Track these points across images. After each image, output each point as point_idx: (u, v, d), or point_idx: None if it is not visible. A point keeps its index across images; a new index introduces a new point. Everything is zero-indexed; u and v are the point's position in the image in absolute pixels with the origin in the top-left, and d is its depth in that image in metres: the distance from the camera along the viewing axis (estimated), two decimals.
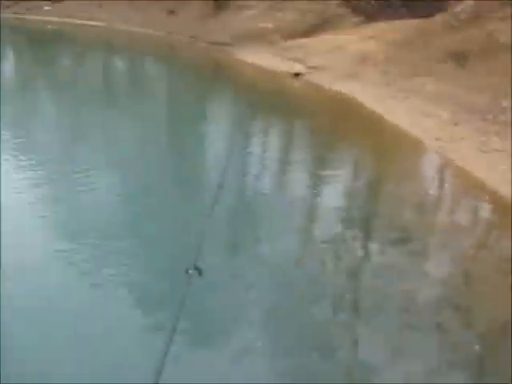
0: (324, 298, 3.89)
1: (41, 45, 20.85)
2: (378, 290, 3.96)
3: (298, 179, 6.19)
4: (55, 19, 25.93)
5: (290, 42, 14.79)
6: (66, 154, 6.77)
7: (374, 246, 4.76)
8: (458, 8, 11.45)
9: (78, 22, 24.93)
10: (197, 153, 7.24)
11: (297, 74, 11.99)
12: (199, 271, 1.48)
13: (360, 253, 4.69)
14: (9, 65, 17.44)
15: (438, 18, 11.69)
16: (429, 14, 13.16)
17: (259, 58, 13.88)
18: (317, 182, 6.22)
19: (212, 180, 6.11)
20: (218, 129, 8.59)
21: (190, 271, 1.46)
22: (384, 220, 5.38)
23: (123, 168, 6.42)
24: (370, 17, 15.30)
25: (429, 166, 7.25)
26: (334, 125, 8.76)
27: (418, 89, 9.12)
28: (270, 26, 17.17)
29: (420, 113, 8.27)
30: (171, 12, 22.55)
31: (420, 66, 9.96)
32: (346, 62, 11.67)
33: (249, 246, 4.64)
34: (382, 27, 13.21)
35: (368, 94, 9.52)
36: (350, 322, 3.72)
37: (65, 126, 8.46)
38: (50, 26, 24.73)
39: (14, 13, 28.52)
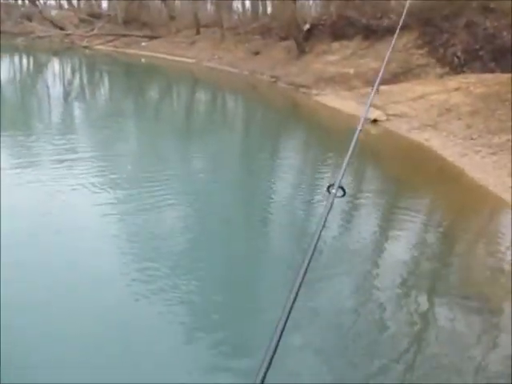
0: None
1: (134, 75, 22.61)
2: (444, 359, 3.71)
3: (374, 227, 6.05)
4: (150, 54, 28.14)
5: (370, 88, 14.81)
6: (153, 182, 7.06)
7: (442, 308, 4.48)
8: None
9: (170, 57, 26.83)
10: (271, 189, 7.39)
11: (375, 121, 11.92)
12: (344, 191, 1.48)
13: (426, 313, 4.42)
14: (104, 90, 19.06)
15: None
16: None
17: (338, 102, 14.02)
18: (391, 232, 6.06)
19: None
20: (293, 166, 8.72)
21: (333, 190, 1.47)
22: (458, 280, 5.08)
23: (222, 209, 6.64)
24: (456, 69, 14.99)
25: (510, 227, 6.79)
26: (409, 175, 8.54)
27: (505, 145, 8.69)
28: (351, 71, 17.37)
29: (505, 170, 7.85)
30: (256, 53, 23.62)
31: (508, 121, 9.53)
32: (427, 112, 11.45)
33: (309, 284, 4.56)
34: (468, 80, 12.87)
35: (449, 147, 9.22)
36: None
37: (148, 152, 8.97)
38: (143, 60, 26.79)
39: (114, 46, 31.38)
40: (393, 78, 15.70)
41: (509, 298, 4.61)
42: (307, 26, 21.64)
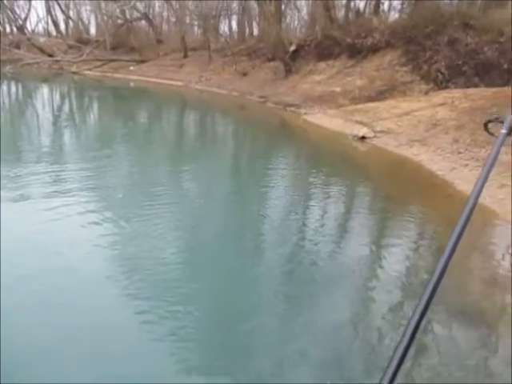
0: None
1: (123, 99, 22.72)
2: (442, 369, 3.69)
3: (367, 242, 6.06)
4: (138, 78, 28.40)
5: (357, 106, 15.04)
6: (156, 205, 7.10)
7: (437, 320, 4.47)
8: None
9: (159, 81, 27.10)
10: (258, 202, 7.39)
11: (363, 138, 12.07)
12: None
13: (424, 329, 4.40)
14: (94, 115, 19.11)
15: None
16: (503, 84, 12.97)
17: (326, 120, 14.20)
18: (384, 246, 6.06)
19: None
20: (282, 182, 8.75)
21: None
22: (454, 296, 5.08)
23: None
24: (441, 85, 15.30)
25: (501, 240, 6.83)
26: (399, 190, 8.60)
27: None
28: (337, 89, 17.65)
29: (494, 183, 7.94)
30: (244, 74, 23.95)
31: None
32: (414, 128, 11.62)
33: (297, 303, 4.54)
34: (453, 94, 13.13)
35: (438, 161, 9.34)
36: None
37: (140, 178, 8.96)
38: (132, 84, 27.01)
39: (103, 71, 31.66)
40: (378, 96, 15.98)
41: (505, 312, 4.63)
42: (293, 47, 22.03)
